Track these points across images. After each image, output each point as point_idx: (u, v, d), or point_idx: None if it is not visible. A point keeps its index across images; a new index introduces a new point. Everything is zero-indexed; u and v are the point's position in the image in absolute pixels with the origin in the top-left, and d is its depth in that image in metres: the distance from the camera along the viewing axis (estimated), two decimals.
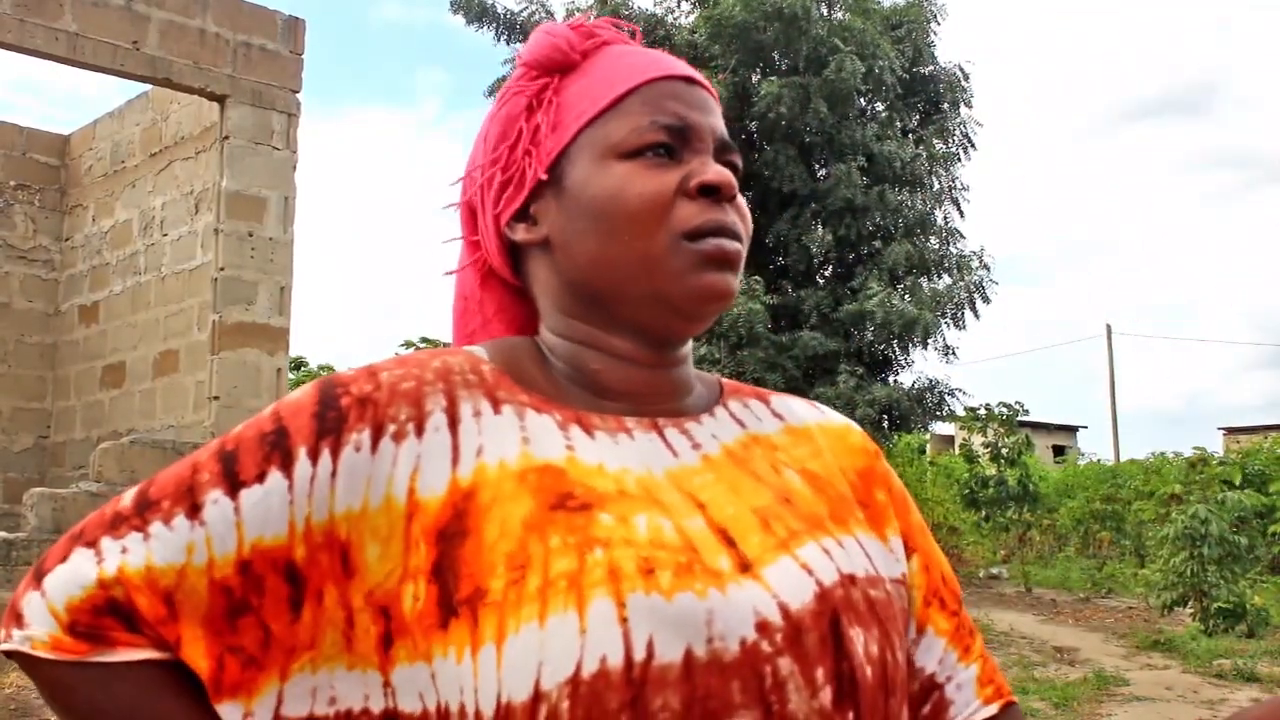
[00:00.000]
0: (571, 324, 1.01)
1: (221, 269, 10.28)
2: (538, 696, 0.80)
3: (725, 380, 1.11)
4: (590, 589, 0.82)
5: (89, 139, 13.03)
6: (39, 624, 0.89)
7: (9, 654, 0.91)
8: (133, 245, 12.11)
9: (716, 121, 1.02)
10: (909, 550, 1.05)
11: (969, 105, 18.62)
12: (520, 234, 1.02)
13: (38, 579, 0.91)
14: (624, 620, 0.81)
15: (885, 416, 16.89)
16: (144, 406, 11.61)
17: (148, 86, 11.49)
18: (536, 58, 1.02)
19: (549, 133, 1.00)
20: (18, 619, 0.91)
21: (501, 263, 1.06)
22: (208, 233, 10.80)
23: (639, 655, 0.81)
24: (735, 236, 0.98)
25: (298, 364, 18.64)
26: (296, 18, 11.02)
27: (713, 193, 0.97)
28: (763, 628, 0.85)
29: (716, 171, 0.97)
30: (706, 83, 1.04)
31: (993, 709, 1.04)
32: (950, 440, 33.53)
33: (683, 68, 1.03)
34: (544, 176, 1.00)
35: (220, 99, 10.46)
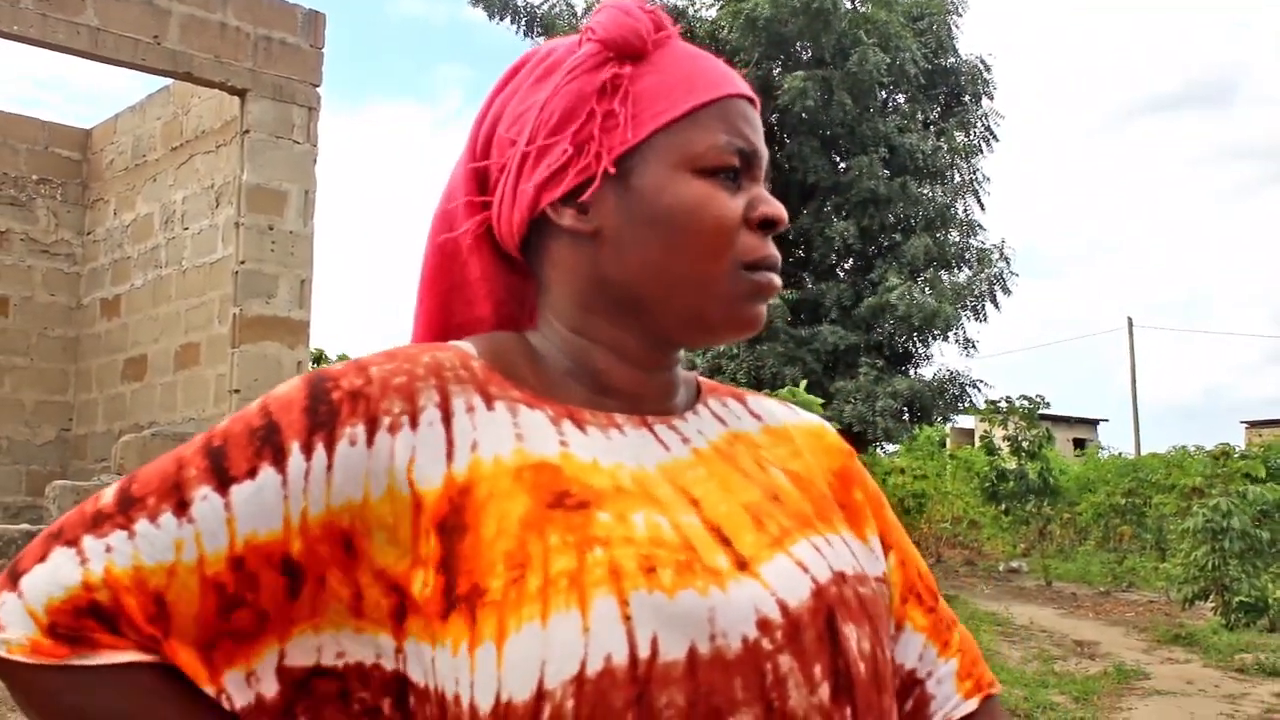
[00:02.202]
0: (590, 320, 0.99)
1: (242, 262, 10.29)
2: (541, 695, 0.80)
3: (702, 379, 1.11)
4: (592, 588, 0.82)
5: (110, 133, 13.07)
6: (15, 627, 0.86)
7: None
8: (154, 239, 12.15)
9: (765, 147, 1.02)
10: (885, 548, 1.06)
11: (990, 97, 18.56)
12: (568, 219, 0.97)
13: (13, 580, 0.87)
14: (627, 619, 0.81)
15: (907, 409, 16.85)
16: (165, 399, 11.66)
17: (169, 81, 11.52)
18: (613, 37, 0.97)
19: (624, 124, 0.96)
20: None
21: (515, 234, 1.01)
22: (228, 226, 10.83)
23: (643, 653, 0.81)
24: (779, 273, 0.99)
25: (317, 357, 18.68)
26: (317, 11, 11.02)
27: (771, 227, 0.98)
28: (763, 625, 0.86)
29: (778, 208, 0.98)
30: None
31: (973, 704, 1.05)
32: (970, 433, 33.43)
33: (747, 87, 1.02)
34: (612, 170, 0.96)
35: (241, 93, 10.47)
